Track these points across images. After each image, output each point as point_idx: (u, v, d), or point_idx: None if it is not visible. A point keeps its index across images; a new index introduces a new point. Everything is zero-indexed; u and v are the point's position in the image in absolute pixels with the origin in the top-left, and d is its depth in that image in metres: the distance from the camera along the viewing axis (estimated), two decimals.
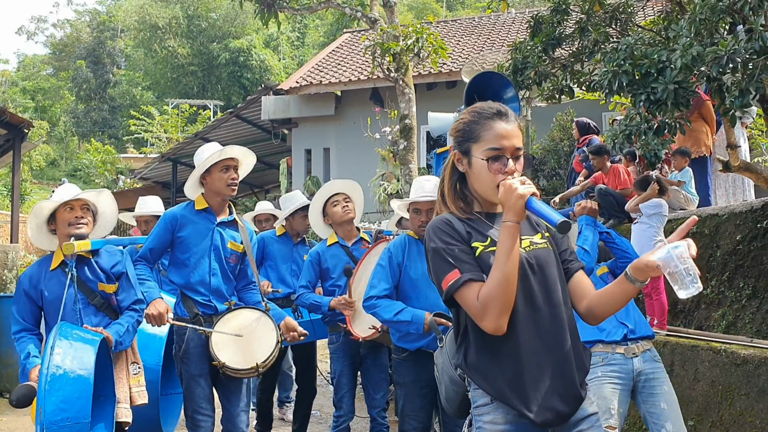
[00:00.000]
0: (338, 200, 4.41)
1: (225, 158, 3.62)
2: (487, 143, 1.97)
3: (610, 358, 3.40)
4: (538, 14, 6.83)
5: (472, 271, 1.91)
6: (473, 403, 2.00)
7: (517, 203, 1.83)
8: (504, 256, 1.83)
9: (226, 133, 16.87)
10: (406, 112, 9.12)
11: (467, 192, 2.06)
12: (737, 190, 7.70)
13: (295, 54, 44.95)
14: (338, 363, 4.33)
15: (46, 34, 54.20)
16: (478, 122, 2.00)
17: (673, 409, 3.42)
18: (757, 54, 4.00)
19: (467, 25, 17.75)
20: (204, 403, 3.54)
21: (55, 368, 2.84)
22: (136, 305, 3.47)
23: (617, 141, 5.25)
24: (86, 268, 3.37)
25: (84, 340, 3.02)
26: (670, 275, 1.71)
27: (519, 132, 2.00)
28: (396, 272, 3.61)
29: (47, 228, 3.40)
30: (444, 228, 1.98)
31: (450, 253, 1.93)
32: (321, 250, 4.45)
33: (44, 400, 2.77)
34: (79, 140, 44.05)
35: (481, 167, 1.97)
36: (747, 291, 5.46)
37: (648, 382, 3.43)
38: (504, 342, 1.91)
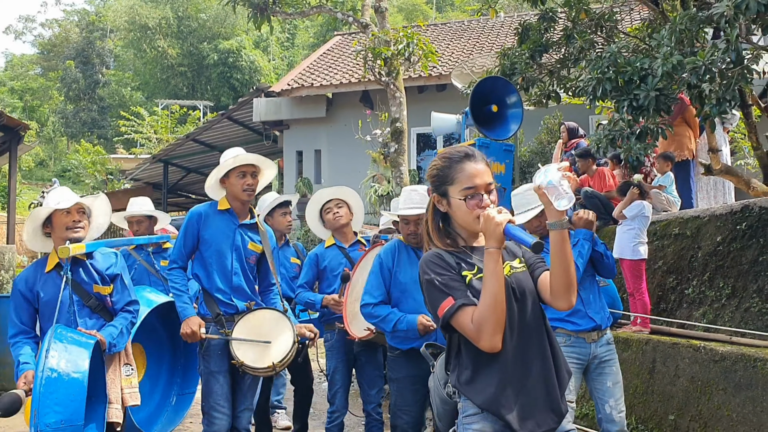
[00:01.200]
0: (330, 207, 4.59)
1: (241, 164, 3.75)
2: (461, 184, 2.16)
3: (572, 341, 3.77)
4: (526, 21, 7.01)
5: (464, 297, 2.10)
6: (462, 413, 2.18)
7: (496, 230, 2.01)
8: (491, 280, 2.02)
9: (217, 134, 16.94)
10: (396, 116, 9.28)
11: (450, 230, 2.27)
12: (718, 193, 7.91)
13: (284, 55, 45.01)
14: (333, 360, 4.48)
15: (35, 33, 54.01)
16: (450, 166, 2.20)
17: (617, 387, 3.79)
18: (734, 64, 4.19)
19: (457, 29, 17.93)
20: (221, 401, 3.64)
21: (50, 371, 2.90)
22: (130, 306, 3.55)
23: (601, 145, 5.43)
24: (81, 271, 3.43)
25: (78, 343, 3.10)
26: (548, 192, 2.00)
27: (487, 168, 2.20)
28: (387, 277, 3.77)
29: (42, 231, 3.44)
30: (436, 261, 2.17)
31: (443, 283, 2.12)
32: (319, 251, 4.63)
33: (39, 402, 2.83)
34: (68, 140, 43.86)
35: (460, 205, 2.17)
36: (726, 290, 5.65)
37: (600, 364, 3.80)
38: (493, 361, 2.09)
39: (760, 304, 5.30)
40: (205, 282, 3.75)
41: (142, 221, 5.19)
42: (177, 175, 19.64)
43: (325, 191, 4.72)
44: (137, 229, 5.18)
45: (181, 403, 4.77)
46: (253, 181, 3.75)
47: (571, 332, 3.76)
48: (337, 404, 4.41)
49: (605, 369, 3.78)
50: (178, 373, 4.75)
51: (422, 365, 3.48)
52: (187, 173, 19.45)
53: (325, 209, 4.61)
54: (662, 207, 7.19)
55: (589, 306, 3.80)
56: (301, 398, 5.21)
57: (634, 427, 5.19)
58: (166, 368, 4.74)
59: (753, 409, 4.28)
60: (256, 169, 3.78)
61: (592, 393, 3.89)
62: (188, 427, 5.48)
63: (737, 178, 7.08)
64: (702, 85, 4.39)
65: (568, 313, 3.72)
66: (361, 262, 4.37)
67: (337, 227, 4.58)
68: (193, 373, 4.72)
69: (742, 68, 4.20)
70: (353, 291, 4.28)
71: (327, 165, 15.03)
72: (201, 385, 3.76)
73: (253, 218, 3.87)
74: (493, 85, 7.08)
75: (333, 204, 4.58)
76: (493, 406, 2.08)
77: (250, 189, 3.73)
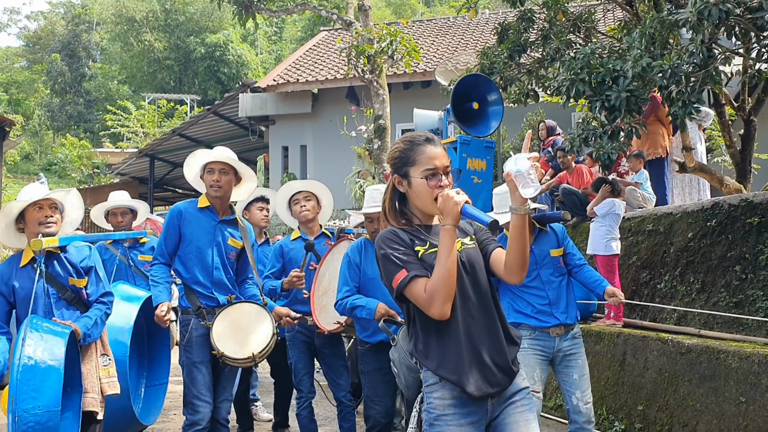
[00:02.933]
0: (298, 199, 4.66)
1: (209, 161, 3.86)
2: (422, 165, 2.31)
3: (537, 335, 3.89)
4: (505, 21, 7.14)
5: (417, 269, 2.25)
6: (424, 382, 2.34)
7: (454, 209, 2.17)
8: (445, 254, 2.16)
9: (203, 129, 17.00)
10: (380, 113, 9.39)
11: (406, 210, 2.41)
12: (693, 190, 8.09)
13: (272, 49, 44.92)
14: (294, 349, 4.58)
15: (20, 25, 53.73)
16: (412, 149, 2.35)
17: (584, 379, 3.91)
18: (699, 67, 4.35)
19: (442, 25, 18.05)
20: (204, 390, 3.75)
21: (27, 359, 2.99)
22: (104, 298, 3.63)
23: (575, 144, 5.58)
24: (56, 264, 3.50)
25: (54, 332, 3.18)
26: (516, 179, 2.12)
27: (445, 153, 2.36)
28: (356, 273, 3.90)
29: (15, 227, 3.50)
30: (390, 237, 2.32)
31: (397, 257, 2.26)
32: (284, 243, 4.70)
33: (16, 389, 2.92)
34: (54, 134, 43.61)
35: (420, 185, 2.31)
36: (697, 285, 5.82)
37: (565, 358, 3.93)
38: (445, 329, 2.26)
39: (727, 298, 5.47)
40: (186, 276, 3.87)
41: (126, 213, 5.21)
42: (163, 169, 19.68)
43: (296, 183, 4.78)
44: (121, 220, 5.17)
45: (151, 395, 4.81)
46: (220, 177, 3.83)
47: (535, 327, 3.88)
48: (303, 390, 4.53)
49: (571, 362, 3.91)
50: (144, 365, 4.82)
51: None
52: (173, 168, 19.48)
53: (294, 200, 4.68)
54: (638, 204, 7.35)
55: (556, 306, 3.91)
56: (281, 391, 5.33)
57: (605, 417, 5.36)
58: (135, 361, 4.80)
59: (716, 399, 4.46)
60: (226, 167, 3.87)
61: (560, 385, 4.03)
62: (171, 419, 5.61)
63: (711, 176, 7.27)
64: (670, 87, 4.55)
65: (534, 312, 3.88)
66: (327, 255, 4.47)
67: (302, 221, 4.67)
68: (161, 365, 4.80)
69: (707, 71, 4.35)
70: (320, 284, 4.39)
71: (313, 160, 15.13)
72: (183, 376, 3.87)
73: (233, 214, 3.98)
74: (474, 82, 7.22)
75: (302, 196, 4.65)
76: (445, 372, 2.24)
77: (216, 185, 3.83)
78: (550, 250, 4.00)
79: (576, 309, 4.05)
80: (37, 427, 2.87)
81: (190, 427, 3.72)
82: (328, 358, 4.52)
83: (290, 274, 4.32)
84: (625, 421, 5.15)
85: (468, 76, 7.36)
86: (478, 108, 7.34)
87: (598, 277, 4.04)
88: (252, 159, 18.03)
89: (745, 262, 5.46)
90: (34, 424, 2.87)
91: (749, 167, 7.44)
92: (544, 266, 3.96)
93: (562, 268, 4.06)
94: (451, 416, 2.25)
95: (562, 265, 4.06)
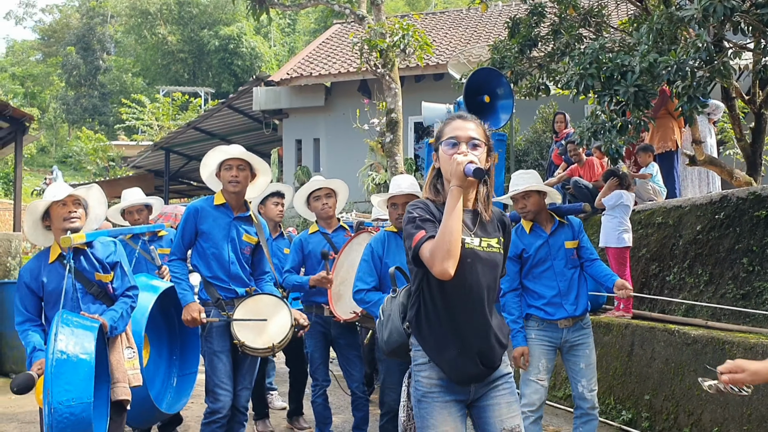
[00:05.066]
0: (320, 195, 4.78)
1: (226, 158, 3.98)
2: (446, 135, 2.45)
3: (545, 326, 3.99)
4: (516, 16, 7.21)
5: (434, 231, 2.34)
6: (414, 360, 2.50)
7: (457, 169, 2.29)
8: (449, 212, 2.27)
9: (218, 122, 17.15)
10: (392, 107, 9.49)
11: (439, 186, 2.52)
12: (703, 183, 8.14)
13: (285, 41, 45.02)
14: (311, 339, 4.73)
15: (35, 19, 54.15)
16: (445, 125, 2.50)
17: (590, 369, 4.01)
18: (705, 63, 4.42)
19: (455, 18, 18.07)
20: (225, 378, 3.89)
21: (60, 353, 3.11)
22: (129, 292, 3.75)
23: (584, 137, 5.66)
24: (83, 259, 3.61)
25: (84, 327, 3.30)
26: None
27: (478, 128, 2.46)
28: (378, 264, 4.01)
29: (42, 225, 3.62)
30: (419, 205, 2.45)
31: (420, 219, 2.38)
32: (303, 237, 4.85)
33: (51, 383, 3.04)
34: (69, 127, 43.98)
35: (443, 154, 2.44)
36: (704, 277, 5.90)
37: (573, 347, 4.03)
38: (444, 317, 2.41)
39: (734, 290, 5.54)
40: (204, 271, 4.01)
41: (141, 210, 5.35)
42: (178, 162, 19.87)
43: (319, 180, 4.91)
44: (137, 218, 5.32)
45: (182, 383, 4.99)
46: (238, 173, 3.95)
47: (543, 319, 3.98)
48: (319, 379, 4.67)
49: (578, 352, 4.01)
50: (176, 354, 4.99)
51: None
52: (188, 161, 19.67)
53: (314, 196, 4.80)
54: (648, 196, 7.42)
55: (566, 298, 3.99)
56: (296, 380, 5.49)
57: (613, 406, 5.46)
58: (165, 351, 4.98)
59: None
60: (243, 163, 3.98)
61: (567, 373, 4.15)
62: (189, 407, 5.76)
63: (720, 169, 7.31)
64: (676, 82, 4.62)
65: (544, 303, 3.97)
66: (346, 246, 4.59)
67: (323, 217, 4.80)
68: (192, 355, 4.96)
69: (712, 66, 4.42)
70: (338, 274, 4.51)
71: (325, 153, 15.25)
72: (205, 365, 4.01)
73: (247, 211, 4.10)
74: (485, 76, 7.29)
75: (322, 193, 4.77)
76: (435, 356, 2.41)
77: (234, 180, 3.94)
78: (565, 242, 4.08)
79: (586, 301, 4.12)
80: (71, 417, 3.01)
81: (212, 415, 3.86)
82: (344, 349, 4.64)
83: (321, 276, 4.43)
84: (633, 411, 5.26)
85: (479, 69, 7.44)
86: (489, 101, 7.42)
87: (609, 271, 4.11)
88: (266, 152, 18.16)
89: (752, 254, 5.53)
90: (68, 415, 3.01)
91: (760, 160, 7.48)
92: (558, 258, 4.04)
93: (575, 260, 4.12)
94: (437, 393, 2.42)
95: (575, 257, 4.12)
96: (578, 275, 4.12)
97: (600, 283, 4.17)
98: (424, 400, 2.43)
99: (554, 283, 4.01)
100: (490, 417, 2.45)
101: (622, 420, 5.26)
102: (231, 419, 3.97)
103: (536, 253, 4.03)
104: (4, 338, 7.48)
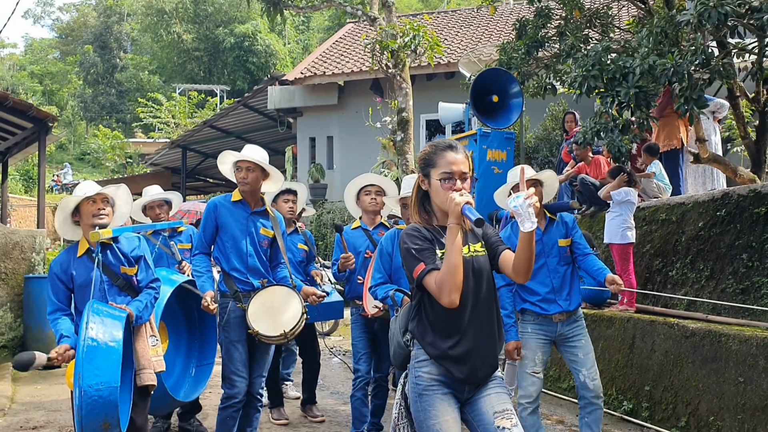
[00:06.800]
0: (370, 190, 5.02)
1: (237, 160, 4.25)
2: (441, 168, 2.58)
3: (540, 321, 4.15)
4: (523, 18, 7.38)
5: (432, 263, 2.53)
6: (414, 358, 2.65)
7: (455, 209, 2.44)
8: (451, 250, 2.44)
9: (233, 121, 17.40)
10: (403, 106, 9.68)
11: (429, 207, 2.70)
12: (707, 180, 8.26)
13: (300, 38, 45.27)
14: (355, 330, 4.94)
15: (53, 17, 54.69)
16: (435, 153, 2.62)
17: (588, 358, 4.15)
18: (702, 66, 4.58)
19: (466, 17, 18.21)
20: (241, 366, 4.14)
21: (90, 341, 3.35)
22: (153, 284, 3.97)
23: (588, 137, 5.84)
24: (109, 254, 3.82)
25: (113, 316, 3.56)
26: (517, 215, 2.39)
27: (466, 160, 2.60)
28: (387, 261, 4.25)
29: (72, 220, 3.84)
30: (413, 233, 2.62)
31: (417, 251, 2.56)
32: (345, 231, 5.07)
33: (82, 367, 3.29)
34: (87, 124, 44.53)
35: (437, 186, 2.59)
36: (706, 273, 6.05)
37: (567, 340, 4.18)
38: (449, 323, 2.58)
39: (734, 285, 5.70)
40: (224, 264, 4.26)
41: (162, 205, 5.56)
42: (195, 159, 20.17)
43: (370, 176, 5.15)
44: (158, 213, 5.53)
45: (200, 374, 5.23)
46: (247, 175, 4.20)
47: (538, 314, 4.15)
48: (361, 370, 4.82)
49: (574, 343, 4.17)
50: (195, 346, 5.23)
51: None
52: (204, 158, 19.96)
53: (365, 191, 5.03)
54: (653, 194, 7.57)
55: (559, 294, 4.16)
56: (309, 370, 5.72)
57: (615, 397, 5.64)
58: (185, 342, 5.22)
59: (716, 379, 4.72)
60: (252, 165, 4.22)
61: (569, 365, 4.29)
62: (208, 396, 6.01)
63: (724, 167, 7.45)
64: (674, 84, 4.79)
65: (539, 299, 4.14)
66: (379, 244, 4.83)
67: (369, 210, 5.02)
68: (209, 347, 5.20)
69: (710, 68, 4.58)
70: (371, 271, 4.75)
71: (339, 151, 15.47)
72: (222, 354, 4.25)
73: (263, 205, 4.35)
74: (495, 76, 7.47)
75: (374, 189, 5.01)
76: (440, 359, 2.57)
77: (243, 181, 4.21)
78: (558, 240, 4.23)
79: (579, 296, 4.27)
80: (99, 400, 3.25)
81: (228, 400, 4.10)
82: (381, 342, 4.82)
83: (342, 257, 4.78)
84: (633, 401, 5.44)
85: (486, 70, 7.62)
86: (498, 101, 7.60)
87: (601, 265, 4.25)
88: (280, 149, 18.44)
89: (751, 250, 5.68)
90: (97, 398, 3.25)
91: (764, 158, 7.59)
92: (552, 255, 4.20)
93: (568, 257, 4.27)
94: (437, 386, 2.57)
95: (568, 254, 4.27)
96: (571, 271, 4.26)
97: (592, 277, 4.31)
98: (425, 394, 2.57)
99: (548, 279, 4.17)
100: (482, 407, 2.59)
101: (624, 410, 5.44)
102: (246, 405, 4.21)
103: None
104: (30, 331, 7.77)
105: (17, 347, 7.72)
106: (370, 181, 5.03)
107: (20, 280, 7.77)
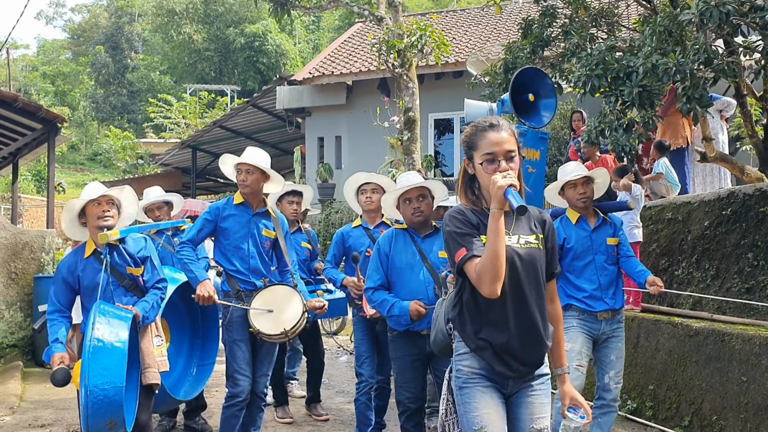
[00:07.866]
0: (365, 189, 4.99)
1: (237, 163, 4.30)
2: (482, 150, 2.43)
3: (585, 317, 4.15)
4: (529, 17, 7.37)
5: (475, 249, 2.39)
6: (456, 351, 2.55)
7: (497, 193, 2.29)
8: (492, 237, 2.30)
9: (243, 121, 17.47)
10: (409, 105, 9.70)
11: (476, 190, 2.55)
12: (714, 179, 8.23)
13: (310, 38, 45.37)
14: (358, 332, 4.90)
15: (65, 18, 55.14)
16: (476, 134, 2.47)
17: (619, 361, 4.19)
18: (704, 65, 4.57)
19: (474, 15, 18.20)
20: (244, 365, 4.18)
21: (96, 341, 3.40)
22: (159, 284, 4.01)
23: (592, 136, 5.83)
24: (116, 254, 3.86)
25: (119, 317, 3.59)
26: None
27: (511, 138, 2.43)
28: (384, 261, 4.07)
29: (79, 222, 3.89)
30: (457, 216, 2.49)
31: (460, 236, 2.44)
32: (345, 231, 5.03)
33: (88, 367, 3.33)
34: (98, 125, 44.83)
35: (480, 169, 2.45)
36: (711, 272, 6.04)
37: (607, 339, 4.19)
38: (491, 314, 2.44)
39: (740, 284, 5.69)
40: (227, 265, 4.29)
41: (162, 207, 5.61)
42: (205, 159, 20.26)
43: (363, 175, 5.09)
44: (158, 215, 5.59)
45: (201, 373, 5.24)
46: (246, 177, 4.24)
47: (584, 311, 4.14)
48: (364, 374, 4.73)
49: (611, 344, 4.18)
50: (197, 346, 5.25)
51: (418, 344, 3.91)
52: (214, 158, 20.02)
53: (361, 190, 5.00)
54: (661, 193, 7.56)
55: (606, 292, 4.16)
56: (313, 369, 5.75)
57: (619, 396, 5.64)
58: (187, 342, 5.24)
59: (720, 378, 4.72)
60: (251, 168, 4.25)
61: (595, 363, 4.28)
62: (214, 395, 6.06)
63: (731, 165, 7.41)
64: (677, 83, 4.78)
65: (585, 296, 4.13)
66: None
67: (365, 209, 5.00)
68: (211, 347, 5.23)
69: (713, 67, 4.57)
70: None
71: (347, 151, 15.49)
72: (225, 353, 4.28)
73: (265, 207, 4.39)
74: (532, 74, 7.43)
75: (369, 188, 4.96)
76: (482, 352, 2.44)
77: (243, 184, 4.26)
78: (607, 239, 4.26)
79: (623, 295, 4.30)
80: (105, 400, 3.29)
81: (232, 399, 4.14)
82: (384, 345, 4.72)
83: (353, 281, 4.73)
84: (637, 400, 5.44)
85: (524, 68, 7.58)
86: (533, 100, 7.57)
87: (642, 268, 4.28)
88: (289, 149, 18.49)
89: (757, 249, 5.67)
90: (102, 398, 3.29)
91: None
92: (600, 252, 4.22)
93: (614, 256, 4.28)
94: (478, 378, 2.46)
95: (615, 254, 4.29)
96: (617, 271, 4.29)
97: (633, 278, 4.35)
98: (465, 386, 2.47)
99: (595, 277, 4.17)
100: (522, 413, 2.49)
101: (628, 409, 5.44)
102: (251, 404, 4.24)
103: (577, 245, 4.21)
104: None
105: (27, 346, 7.80)
106: (365, 180, 4.98)
107: (30, 280, 7.85)
